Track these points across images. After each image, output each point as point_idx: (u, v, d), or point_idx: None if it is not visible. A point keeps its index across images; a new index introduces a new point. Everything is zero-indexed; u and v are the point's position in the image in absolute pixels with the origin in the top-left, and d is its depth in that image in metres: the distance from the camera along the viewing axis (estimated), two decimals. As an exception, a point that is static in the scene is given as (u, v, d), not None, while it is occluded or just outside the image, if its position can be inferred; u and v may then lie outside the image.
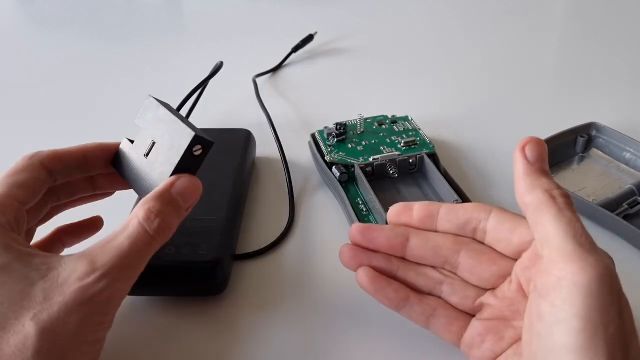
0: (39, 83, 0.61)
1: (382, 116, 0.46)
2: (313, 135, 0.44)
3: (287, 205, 0.40)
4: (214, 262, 0.31)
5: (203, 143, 0.27)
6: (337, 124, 0.43)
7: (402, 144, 0.42)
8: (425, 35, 0.71)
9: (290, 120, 0.51)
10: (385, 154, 0.41)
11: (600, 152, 0.43)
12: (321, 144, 0.42)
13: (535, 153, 0.25)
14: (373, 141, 0.42)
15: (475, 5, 0.79)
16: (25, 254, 0.24)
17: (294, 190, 0.41)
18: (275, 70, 0.61)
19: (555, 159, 0.42)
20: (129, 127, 0.32)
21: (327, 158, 0.41)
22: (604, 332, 0.20)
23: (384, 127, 0.44)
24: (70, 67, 0.64)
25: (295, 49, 0.63)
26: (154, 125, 0.29)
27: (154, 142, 0.29)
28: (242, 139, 0.42)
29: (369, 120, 0.45)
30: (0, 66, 0.66)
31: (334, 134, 0.42)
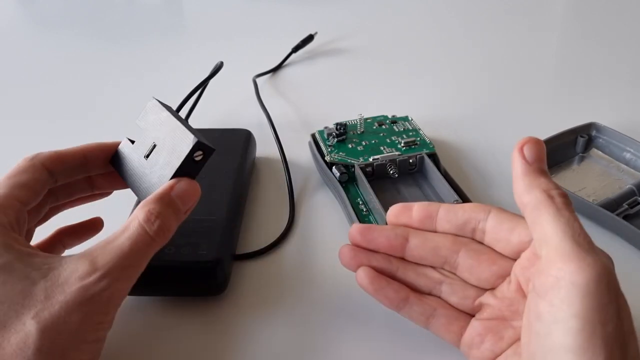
0: (39, 83, 0.61)
1: (382, 116, 0.46)
2: (313, 135, 0.44)
3: (287, 205, 0.40)
4: (214, 262, 0.31)
5: (204, 149, 0.27)
6: (337, 124, 0.43)
7: (402, 144, 0.42)
8: (425, 35, 0.71)
9: (290, 120, 0.51)
10: (385, 154, 0.41)
11: (600, 152, 0.43)
12: (321, 144, 0.43)
13: (534, 153, 0.25)
14: (373, 141, 0.43)
15: (475, 5, 0.79)
16: (26, 253, 0.24)
17: (294, 190, 0.41)
18: (275, 70, 0.61)
19: (555, 159, 0.42)
20: (129, 127, 0.32)
21: (327, 158, 0.41)
22: (602, 331, 0.20)
23: (384, 127, 0.44)
24: (70, 67, 0.64)
25: (295, 49, 0.63)
26: (156, 128, 0.29)
27: (155, 144, 0.29)
28: (242, 139, 0.42)
29: (369, 120, 0.45)
30: (0, 66, 0.66)
31: (334, 134, 0.42)
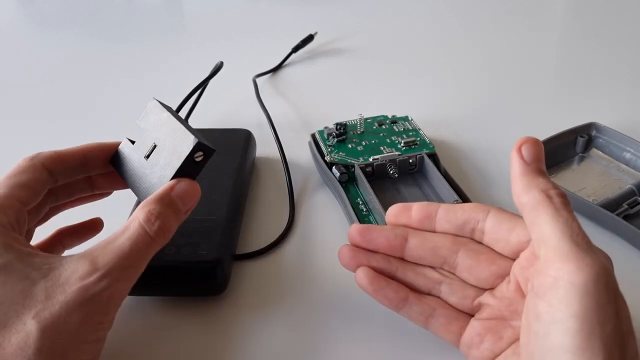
0: (39, 83, 0.61)
1: (382, 116, 0.46)
2: (313, 135, 0.44)
3: (287, 205, 0.40)
4: (214, 262, 0.31)
5: (205, 150, 0.27)
6: (337, 124, 0.43)
7: (402, 144, 0.42)
8: (425, 35, 0.71)
9: (290, 120, 0.51)
10: (385, 154, 0.41)
11: (600, 152, 0.43)
12: (321, 144, 0.43)
13: (532, 153, 0.25)
14: (373, 141, 0.43)
15: (475, 5, 0.79)
16: (26, 253, 0.24)
17: (294, 190, 0.41)
18: (275, 70, 0.61)
19: (555, 159, 0.42)
20: (128, 127, 0.33)
21: (327, 158, 0.41)
22: (601, 331, 0.20)
23: (384, 127, 0.44)
24: (70, 67, 0.64)
25: (295, 49, 0.63)
26: (156, 128, 0.29)
27: (155, 145, 0.29)
28: (242, 139, 0.42)
29: (369, 120, 0.45)
30: (0, 66, 0.66)
31: (334, 134, 0.43)
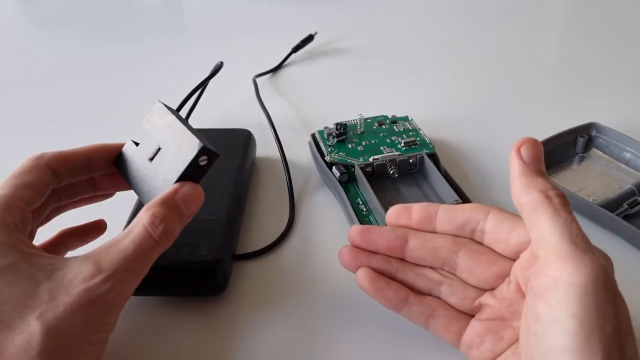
0: (39, 83, 0.61)
1: (382, 116, 0.46)
2: (313, 135, 0.44)
3: (287, 205, 0.40)
4: (214, 262, 0.31)
5: (209, 154, 0.27)
6: (337, 124, 0.43)
7: (402, 144, 0.42)
8: (425, 35, 0.71)
9: (290, 120, 0.51)
10: (385, 154, 0.41)
11: (600, 152, 0.43)
12: (321, 144, 0.43)
13: (531, 153, 0.25)
14: (373, 141, 0.43)
15: (475, 5, 0.79)
16: (30, 254, 0.24)
17: (294, 190, 0.41)
18: (275, 70, 0.61)
19: (555, 159, 0.42)
20: (129, 127, 0.33)
21: (327, 158, 0.41)
22: (600, 331, 0.20)
23: (384, 127, 0.45)
24: (70, 67, 0.64)
25: (295, 49, 0.63)
26: (161, 131, 0.29)
27: (160, 148, 0.29)
28: (242, 139, 0.42)
29: (369, 120, 0.45)
30: (0, 66, 0.66)
31: (334, 134, 0.43)
